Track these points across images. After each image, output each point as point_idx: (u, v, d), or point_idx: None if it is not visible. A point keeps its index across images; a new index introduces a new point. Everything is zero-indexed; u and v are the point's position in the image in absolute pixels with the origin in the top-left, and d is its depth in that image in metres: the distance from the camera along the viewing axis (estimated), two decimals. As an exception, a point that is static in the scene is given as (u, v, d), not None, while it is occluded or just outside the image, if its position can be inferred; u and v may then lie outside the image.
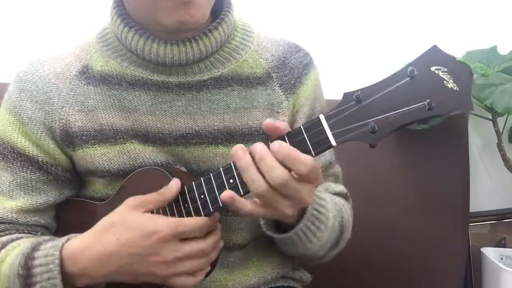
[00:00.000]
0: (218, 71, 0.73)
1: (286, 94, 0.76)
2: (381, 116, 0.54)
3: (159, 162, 0.72)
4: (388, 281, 1.13)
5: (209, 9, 0.68)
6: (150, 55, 0.70)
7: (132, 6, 0.70)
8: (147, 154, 0.72)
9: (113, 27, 0.73)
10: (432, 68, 0.54)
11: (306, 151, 0.57)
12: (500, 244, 1.35)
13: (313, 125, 0.57)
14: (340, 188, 0.84)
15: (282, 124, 0.59)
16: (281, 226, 0.69)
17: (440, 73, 0.53)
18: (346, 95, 0.57)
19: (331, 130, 0.56)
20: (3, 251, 0.66)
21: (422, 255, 1.14)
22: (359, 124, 0.55)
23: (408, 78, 0.54)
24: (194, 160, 0.73)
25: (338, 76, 1.31)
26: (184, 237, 0.62)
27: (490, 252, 1.27)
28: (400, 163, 1.17)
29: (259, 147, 0.57)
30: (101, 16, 0.78)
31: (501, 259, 1.27)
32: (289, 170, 0.56)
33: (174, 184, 0.65)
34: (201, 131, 0.72)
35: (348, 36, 1.33)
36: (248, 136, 0.74)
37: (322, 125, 0.57)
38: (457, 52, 1.29)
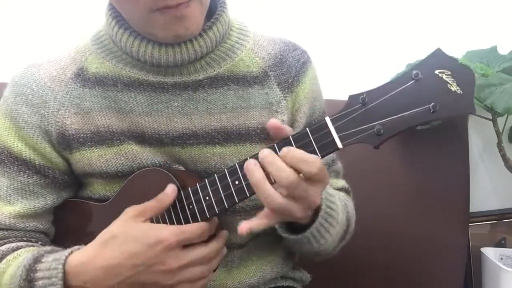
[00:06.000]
0: (214, 70, 0.72)
1: (284, 93, 0.76)
2: (387, 119, 0.55)
3: (157, 162, 0.72)
4: (388, 281, 1.13)
5: (202, 18, 0.67)
6: (145, 57, 0.69)
7: (127, 17, 0.70)
8: (144, 155, 0.71)
9: (107, 29, 0.72)
10: (436, 71, 0.54)
11: (312, 153, 0.57)
12: (500, 244, 1.35)
13: (319, 127, 0.57)
14: (342, 183, 0.84)
15: (286, 127, 0.60)
16: (292, 226, 0.69)
17: (444, 76, 0.54)
18: (351, 97, 0.57)
19: (337, 132, 0.57)
20: (3, 261, 0.66)
21: (422, 255, 1.14)
22: (365, 127, 0.55)
23: (412, 81, 0.54)
24: (192, 161, 0.73)
25: (338, 76, 1.31)
26: (187, 244, 0.62)
27: (490, 252, 1.27)
28: (400, 163, 1.17)
29: (266, 151, 0.58)
30: (97, 17, 0.78)
31: (501, 259, 1.27)
32: (298, 172, 0.56)
33: (170, 190, 0.65)
34: (198, 131, 0.72)
35: (348, 36, 1.33)
36: (245, 136, 0.74)
37: (328, 127, 0.57)
38: (457, 52, 1.29)
